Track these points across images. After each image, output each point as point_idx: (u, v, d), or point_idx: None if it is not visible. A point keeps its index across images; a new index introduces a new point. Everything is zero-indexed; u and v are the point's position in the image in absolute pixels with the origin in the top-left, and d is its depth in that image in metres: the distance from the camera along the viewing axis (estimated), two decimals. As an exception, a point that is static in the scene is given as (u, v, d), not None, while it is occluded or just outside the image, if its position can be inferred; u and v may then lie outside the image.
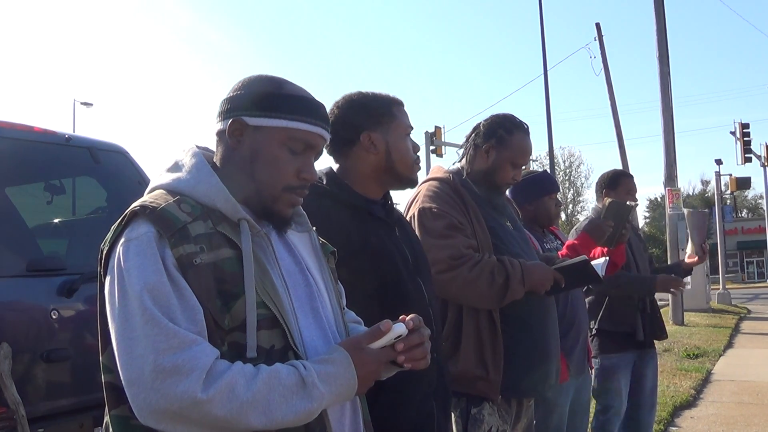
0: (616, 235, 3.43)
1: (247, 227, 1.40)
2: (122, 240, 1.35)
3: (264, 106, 1.46)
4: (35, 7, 78.15)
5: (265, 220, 1.49)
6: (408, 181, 2.21)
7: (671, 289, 4.31)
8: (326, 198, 2.06)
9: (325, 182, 2.13)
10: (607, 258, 2.90)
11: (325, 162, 2.24)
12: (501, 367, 2.48)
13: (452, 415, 2.37)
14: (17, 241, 3.59)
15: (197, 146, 1.55)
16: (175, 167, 1.49)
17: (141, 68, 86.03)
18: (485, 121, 2.81)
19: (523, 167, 2.90)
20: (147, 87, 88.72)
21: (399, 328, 1.43)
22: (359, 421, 1.55)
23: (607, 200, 3.53)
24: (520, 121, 2.79)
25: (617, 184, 4.22)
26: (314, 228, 1.64)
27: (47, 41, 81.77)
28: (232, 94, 1.50)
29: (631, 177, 4.31)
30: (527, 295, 2.50)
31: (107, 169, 4.08)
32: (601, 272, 2.65)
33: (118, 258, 1.33)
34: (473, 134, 2.80)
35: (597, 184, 4.41)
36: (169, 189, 1.44)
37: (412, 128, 2.23)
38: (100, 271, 1.40)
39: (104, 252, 1.40)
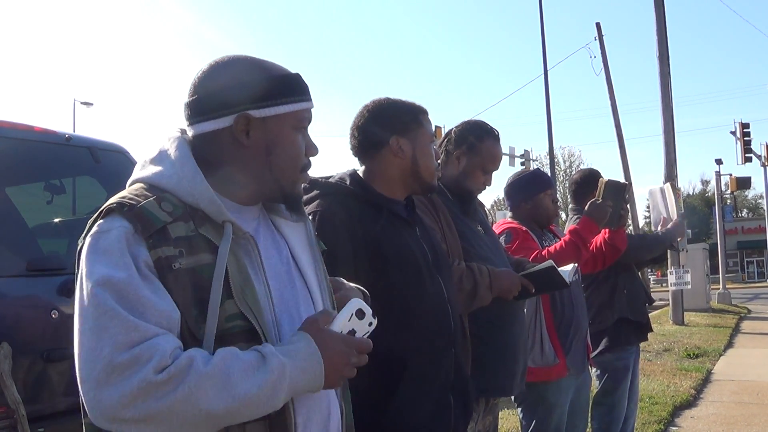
0: (615, 215, 3.44)
1: (231, 230, 1.32)
2: (92, 231, 1.27)
3: (266, 96, 1.38)
4: (35, 7, 78.22)
5: (282, 204, 1.48)
6: (429, 187, 2.28)
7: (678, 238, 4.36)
8: (350, 197, 2.12)
9: (348, 183, 2.17)
10: (576, 264, 2.91)
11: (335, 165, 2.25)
12: (469, 369, 2.47)
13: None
14: (17, 241, 3.59)
15: (181, 130, 1.44)
16: (159, 158, 1.39)
17: (141, 68, 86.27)
18: (456, 127, 2.90)
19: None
20: (147, 86, 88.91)
21: (356, 303, 1.36)
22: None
23: (603, 180, 3.51)
24: (491, 128, 2.86)
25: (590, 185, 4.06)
26: (311, 217, 1.63)
27: (47, 41, 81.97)
28: (214, 90, 1.39)
29: (600, 176, 4.07)
30: (495, 299, 2.52)
31: (107, 168, 4.09)
32: (568, 278, 2.68)
33: (86, 248, 1.26)
34: (445, 141, 2.87)
35: (569, 187, 4.38)
36: (151, 184, 1.35)
37: (435, 137, 2.29)
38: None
39: (80, 248, 1.31)
